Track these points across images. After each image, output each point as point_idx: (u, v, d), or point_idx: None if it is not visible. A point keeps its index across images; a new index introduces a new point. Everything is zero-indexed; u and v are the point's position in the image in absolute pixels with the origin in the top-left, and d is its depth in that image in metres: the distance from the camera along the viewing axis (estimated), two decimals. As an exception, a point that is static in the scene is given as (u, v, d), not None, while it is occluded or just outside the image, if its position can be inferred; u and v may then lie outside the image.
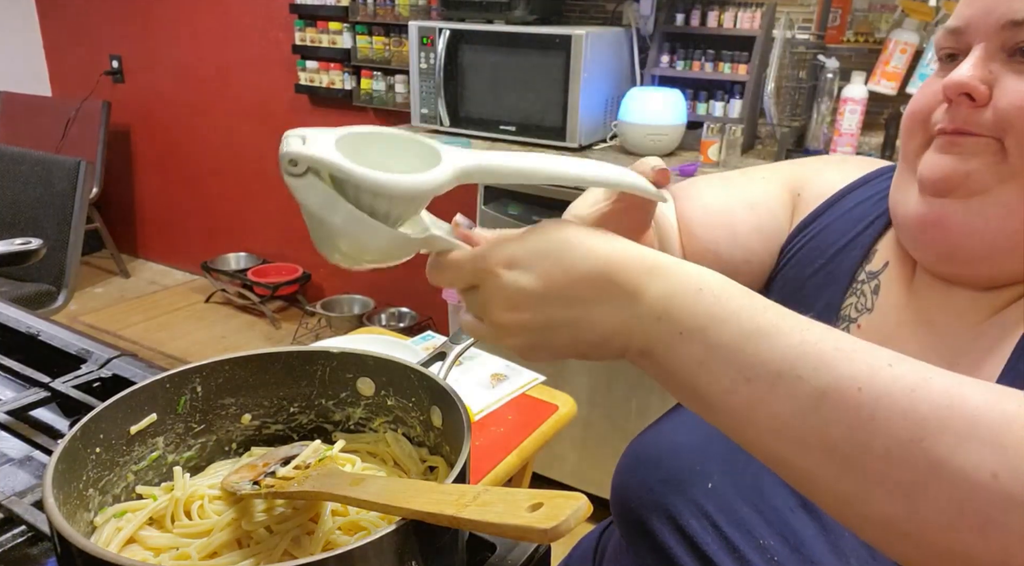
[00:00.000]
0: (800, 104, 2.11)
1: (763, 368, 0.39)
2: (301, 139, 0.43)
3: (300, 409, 0.64)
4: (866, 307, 0.61)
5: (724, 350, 0.40)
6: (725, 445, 0.61)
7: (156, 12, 3.44)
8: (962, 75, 0.51)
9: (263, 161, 3.38)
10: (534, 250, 0.44)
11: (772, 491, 0.57)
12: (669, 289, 0.42)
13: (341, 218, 0.44)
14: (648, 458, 0.65)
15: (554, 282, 0.43)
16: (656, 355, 0.43)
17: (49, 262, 2.27)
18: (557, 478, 2.13)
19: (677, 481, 0.61)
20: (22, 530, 0.57)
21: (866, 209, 0.65)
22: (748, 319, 0.40)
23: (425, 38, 2.24)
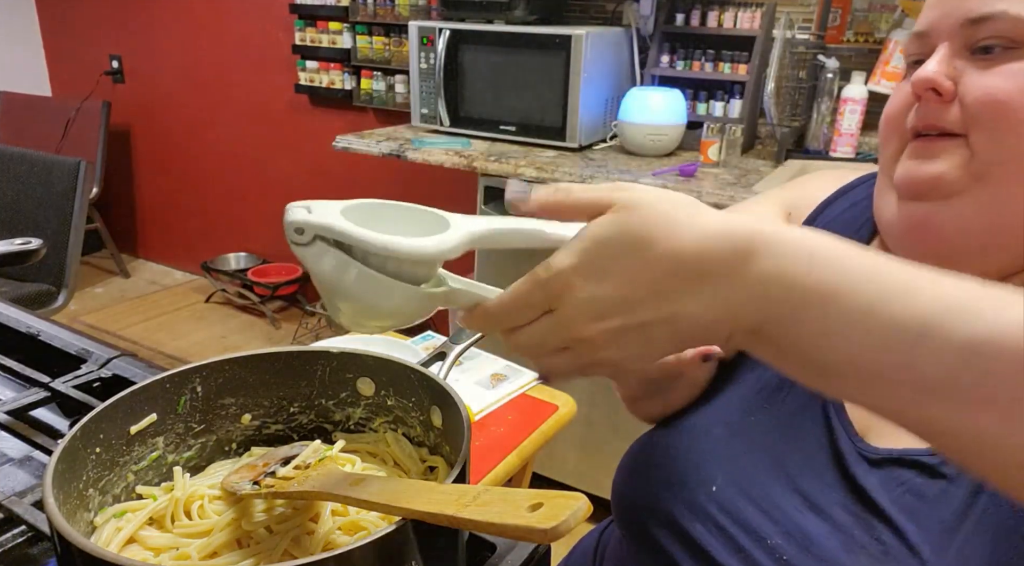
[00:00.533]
0: (800, 104, 2.11)
1: (901, 331, 0.36)
2: (306, 209, 0.43)
3: (300, 409, 0.64)
4: None
5: (850, 318, 0.36)
6: (726, 447, 0.61)
7: (156, 12, 3.44)
8: (928, 71, 0.53)
9: (263, 161, 3.38)
10: (603, 252, 0.40)
11: (779, 494, 0.57)
12: (773, 267, 0.38)
13: (353, 278, 0.43)
14: (648, 462, 0.65)
15: (639, 282, 0.39)
16: (766, 333, 0.39)
17: (49, 262, 2.27)
18: (557, 478, 2.13)
19: (678, 485, 0.61)
20: (22, 530, 0.57)
21: (853, 215, 0.65)
22: (874, 282, 0.37)
23: (425, 38, 2.24)
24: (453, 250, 0.44)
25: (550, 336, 0.42)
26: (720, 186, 1.76)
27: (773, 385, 0.63)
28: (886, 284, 0.37)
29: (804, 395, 0.60)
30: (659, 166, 1.96)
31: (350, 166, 3.07)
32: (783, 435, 0.60)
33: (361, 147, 2.21)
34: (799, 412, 0.60)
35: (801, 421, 0.60)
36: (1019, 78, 0.50)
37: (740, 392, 0.64)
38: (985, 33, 0.51)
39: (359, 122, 2.99)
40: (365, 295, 0.44)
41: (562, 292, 0.40)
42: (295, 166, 3.29)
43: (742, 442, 0.61)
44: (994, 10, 0.50)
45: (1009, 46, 0.51)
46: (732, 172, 1.92)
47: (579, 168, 1.90)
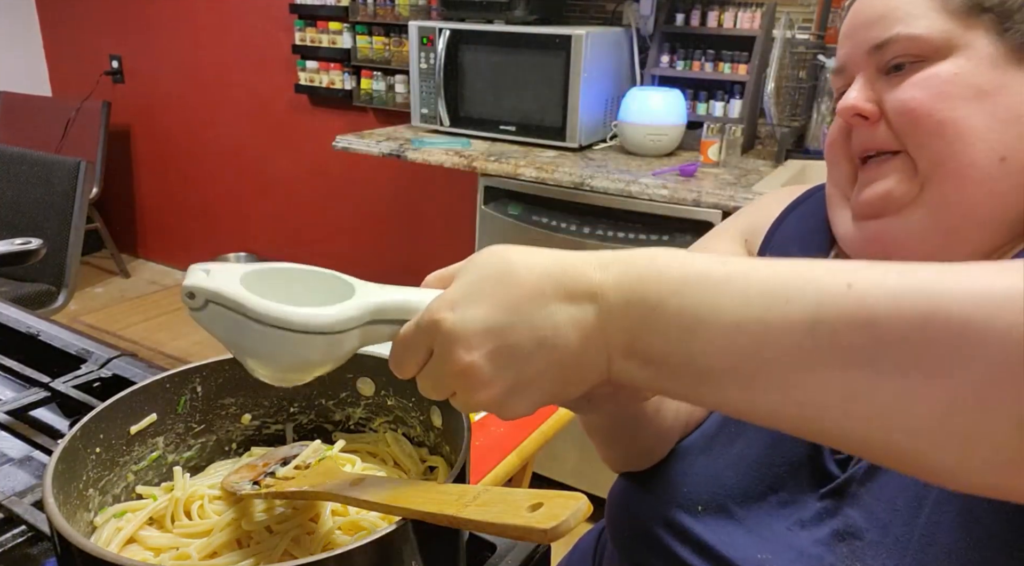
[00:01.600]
0: (800, 104, 2.11)
1: (751, 306, 0.36)
2: (205, 272, 0.42)
3: (300, 409, 0.64)
4: None
5: (707, 307, 0.37)
6: (708, 465, 0.61)
7: (156, 12, 3.44)
8: (849, 99, 0.57)
9: (263, 161, 3.38)
10: (472, 281, 0.41)
11: (767, 511, 0.57)
12: (624, 271, 0.39)
13: (252, 340, 0.42)
14: (636, 483, 0.66)
15: (505, 305, 0.39)
16: (641, 345, 0.39)
17: (49, 262, 2.27)
18: (557, 478, 2.13)
19: (664, 507, 0.61)
20: (22, 530, 0.57)
21: (807, 227, 0.67)
22: (717, 269, 0.38)
23: (425, 38, 2.24)
24: (350, 321, 0.43)
25: (438, 373, 0.42)
26: (720, 186, 1.76)
27: None
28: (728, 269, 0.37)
29: None
30: (659, 166, 1.96)
31: (350, 166, 3.07)
32: (766, 442, 0.60)
33: (361, 147, 2.21)
34: None
35: None
36: (927, 84, 0.53)
37: None
38: (890, 55, 0.55)
39: (359, 122, 2.99)
40: (272, 353, 0.43)
41: (436, 328, 0.41)
42: (295, 166, 3.29)
43: (724, 458, 0.61)
44: (891, 34, 0.55)
45: (914, 60, 0.54)
46: (732, 172, 1.92)
47: (579, 168, 1.90)
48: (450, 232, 2.88)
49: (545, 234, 1.96)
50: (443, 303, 0.41)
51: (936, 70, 0.53)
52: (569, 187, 1.88)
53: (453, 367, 0.40)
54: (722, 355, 0.37)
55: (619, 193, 1.82)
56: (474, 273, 0.41)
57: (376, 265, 3.21)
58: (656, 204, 1.79)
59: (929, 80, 0.53)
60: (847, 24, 0.60)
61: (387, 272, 3.18)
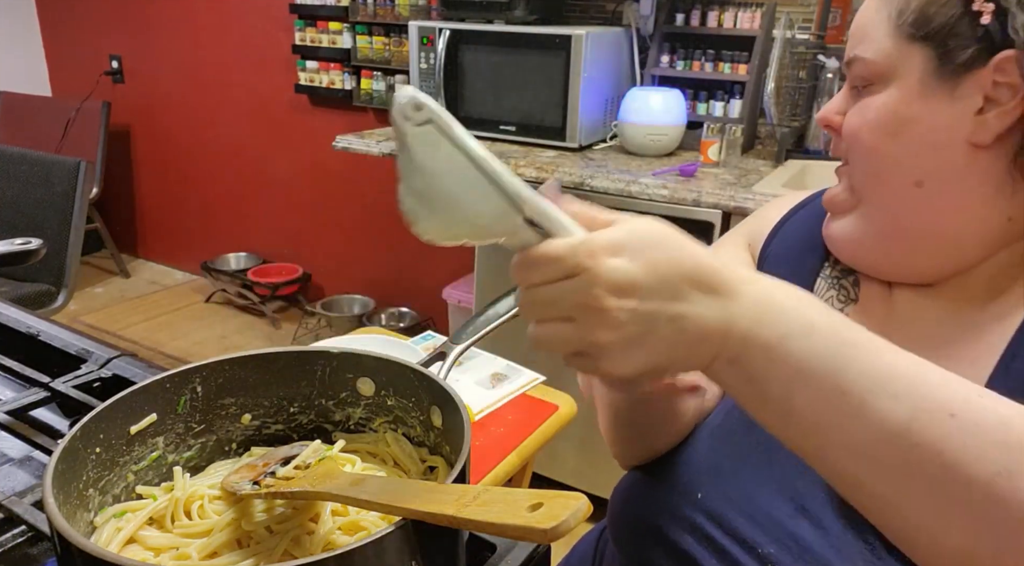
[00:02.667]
0: (800, 104, 2.11)
1: (858, 381, 0.41)
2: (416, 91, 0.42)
3: (300, 409, 0.64)
4: (850, 298, 0.64)
5: (820, 360, 0.42)
6: (709, 454, 0.62)
7: (156, 12, 3.44)
8: (823, 110, 0.62)
9: (263, 161, 3.38)
10: (640, 239, 0.43)
11: (767, 500, 0.57)
12: (766, 295, 0.44)
13: (449, 177, 0.42)
14: (637, 477, 0.67)
15: (662, 273, 0.42)
16: (747, 361, 0.43)
17: (49, 262, 2.27)
18: (557, 478, 2.13)
19: (664, 495, 0.62)
20: (22, 530, 0.57)
21: (806, 231, 0.69)
22: (844, 330, 0.43)
23: (425, 38, 2.24)
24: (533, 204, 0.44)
25: (565, 297, 0.43)
26: (720, 186, 1.76)
27: None
28: (854, 335, 0.43)
29: None
30: (659, 166, 1.96)
31: (350, 166, 3.07)
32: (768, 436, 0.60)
33: (361, 147, 2.21)
34: None
35: None
36: (864, 112, 0.57)
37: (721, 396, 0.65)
38: (853, 73, 0.59)
39: (359, 122, 2.99)
40: (458, 197, 0.43)
41: (592, 262, 0.42)
42: (295, 166, 3.29)
43: (726, 447, 0.61)
44: (853, 54, 0.58)
45: (864, 84, 0.58)
46: (732, 172, 1.92)
47: (579, 168, 1.90)
48: (450, 232, 2.88)
49: (545, 234, 1.96)
50: (606, 244, 0.42)
51: (872, 100, 0.57)
52: (569, 187, 1.88)
53: (591, 303, 0.42)
54: (815, 409, 0.42)
55: (619, 193, 1.82)
56: (640, 232, 0.43)
57: (376, 265, 3.21)
58: (656, 204, 1.79)
59: (865, 108, 0.57)
60: None
61: (387, 272, 3.18)
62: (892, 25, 0.55)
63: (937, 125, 0.54)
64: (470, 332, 1.03)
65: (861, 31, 0.58)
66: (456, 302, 2.54)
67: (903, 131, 0.55)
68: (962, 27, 0.52)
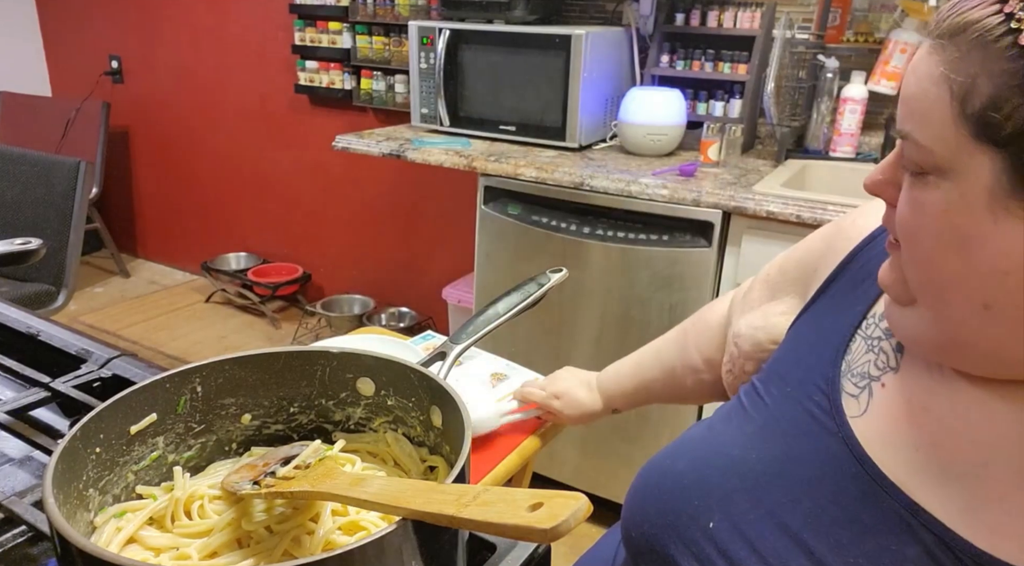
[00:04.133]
0: (800, 104, 2.11)
1: None
2: None
3: (300, 409, 0.64)
4: (889, 365, 0.58)
5: None
6: (723, 479, 0.60)
7: (156, 12, 3.44)
8: (872, 176, 0.53)
9: (263, 161, 3.38)
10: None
11: (782, 546, 0.55)
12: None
13: None
14: (649, 488, 0.64)
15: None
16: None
17: (49, 262, 2.27)
18: (557, 478, 2.13)
19: (673, 515, 0.60)
20: (22, 530, 0.57)
21: (873, 266, 0.62)
22: None
23: (425, 38, 2.24)
24: None
25: None
26: (720, 186, 1.76)
27: (776, 423, 0.61)
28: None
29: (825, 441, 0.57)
30: (659, 166, 1.96)
31: (350, 166, 3.07)
32: (789, 479, 0.57)
33: (361, 147, 2.21)
34: (811, 458, 0.57)
35: (817, 471, 0.56)
36: (919, 211, 0.48)
37: (743, 426, 0.63)
38: (905, 152, 0.49)
39: (359, 122, 2.99)
40: None
41: None
42: (295, 166, 3.29)
43: (741, 479, 0.59)
44: (905, 129, 0.49)
45: (918, 171, 0.48)
46: (732, 172, 1.92)
47: (579, 168, 1.90)
48: (450, 232, 2.88)
49: (545, 234, 1.96)
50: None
51: (929, 195, 0.48)
52: (569, 187, 1.88)
53: None
54: None
55: (619, 193, 1.82)
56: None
57: (376, 265, 3.21)
58: (656, 204, 1.79)
59: (921, 206, 0.48)
60: None
61: (387, 272, 3.18)
62: (954, 111, 0.45)
63: (1009, 250, 0.45)
64: (470, 332, 1.03)
65: (916, 102, 0.48)
66: (456, 302, 2.54)
67: (966, 251, 0.46)
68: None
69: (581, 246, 1.92)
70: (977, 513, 0.50)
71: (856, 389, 0.58)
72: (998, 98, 0.42)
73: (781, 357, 0.66)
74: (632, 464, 1.99)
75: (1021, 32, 0.42)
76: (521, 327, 2.01)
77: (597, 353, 1.98)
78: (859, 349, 0.60)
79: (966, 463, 0.51)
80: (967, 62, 0.44)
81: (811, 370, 0.61)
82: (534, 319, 1.96)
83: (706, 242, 1.76)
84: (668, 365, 0.95)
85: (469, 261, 2.26)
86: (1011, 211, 0.44)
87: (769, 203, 1.64)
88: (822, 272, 0.68)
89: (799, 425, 0.59)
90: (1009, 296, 0.46)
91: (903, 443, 0.54)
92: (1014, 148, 0.43)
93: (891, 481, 0.53)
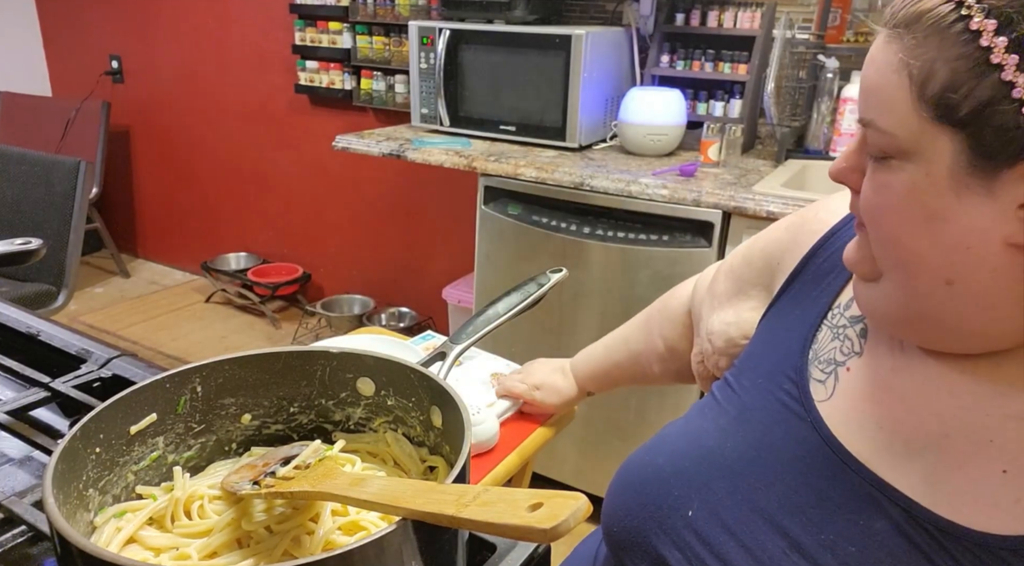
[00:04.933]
0: (800, 104, 2.11)
1: None
2: None
3: (300, 409, 0.64)
4: (854, 350, 0.60)
5: None
6: (700, 468, 0.61)
7: (156, 12, 3.44)
8: (836, 164, 0.55)
9: (263, 161, 3.38)
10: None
11: (762, 531, 0.56)
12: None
13: None
14: (630, 482, 0.65)
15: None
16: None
17: (49, 262, 2.27)
18: (557, 478, 2.13)
19: (653, 506, 0.61)
20: (22, 530, 0.57)
21: (835, 259, 0.64)
22: None
23: (425, 38, 2.24)
24: None
25: None
26: (720, 186, 1.76)
27: (749, 413, 0.62)
28: None
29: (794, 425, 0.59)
30: (659, 166, 1.96)
31: (350, 166, 3.07)
32: (763, 465, 0.59)
33: (361, 147, 2.21)
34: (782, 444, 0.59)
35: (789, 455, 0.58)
36: (883, 192, 0.50)
37: (717, 418, 0.65)
38: (869, 139, 0.51)
39: (359, 122, 2.99)
40: None
41: None
42: (295, 166, 3.29)
43: (718, 468, 0.60)
44: (868, 117, 0.50)
45: (881, 156, 0.50)
46: (732, 172, 1.92)
47: (579, 168, 1.90)
48: (450, 232, 2.89)
49: (545, 234, 1.96)
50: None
51: (892, 178, 0.49)
52: (569, 187, 1.88)
53: None
54: None
55: (619, 193, 1.82)
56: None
57: (376, 265, 3.21)
58: (656, 204, 1.79)
59: (885, 188, 0.50)
60: None
61: (387, 272, 3.18)
62: (913, 95, 0.47)
63: (972, 226, 0.46)
64: (470, 332, 1.03)
65: (877, 90, 0.49)
66: (456, 302, 2.54)
67: (932, 228, 0.48)
68: (1000, 115, 0.43)
69: (581, 246, 1.92)
70: (940, 485, 0.52)
71: (823, 375, 0.60)
72: (955, 80, 0.45)
73: (752, 351, 0.68)
74: (632, 464, 1.99)
75: (971, 18, 0.44)
76: (521, 327, 2.01)
77: (597, 353, 1.98)
78: (825, 338, 0.62)
79: (928, 436, 0.53)
80: (924, 48, 0.46)
81: (780, 361, 0.63)
82: (534, 319, 1.96)
83: (706, 242, 1.76)
84: (635, 351, 0.98)
85: (469, 261, 2.26)
86: (971, 188, 0.46)
87: (769, 203, 1.64)
88: (787, 265, 0.70)
89: (771, 413, 0.61)
90: (971, 271, 0.48)
91: (868, 422, 0.56)
92: (972, 128, 0.45)
93: (856, 459, 0.55)
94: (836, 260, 0.64)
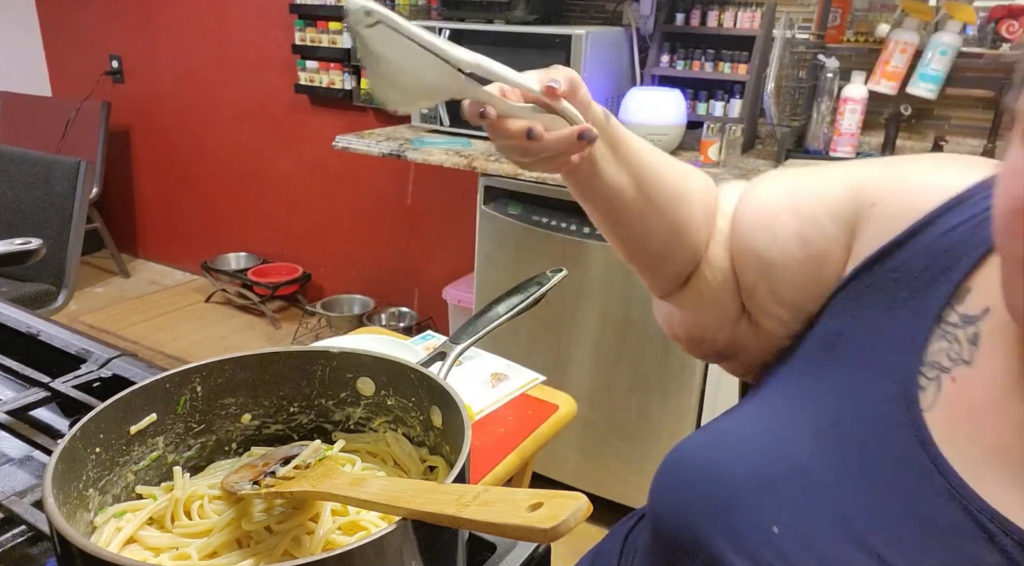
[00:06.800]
0: (800, 104, 2.11)
1: None
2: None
3: (300, 409, 0.64)
4: (962, 358, 0.52)
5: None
6: (789, 482, 0.54)
7: (156, 12, 3.44)
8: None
9: (263, 161, 3.38)
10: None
11: (852, 554, 0.50)
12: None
13: (402, 58, 0.53)
14: (693, 480, 0.58)
15: None
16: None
17: (49, 262, 2.27)
18: (557, 478, 2.13)
19: (725, 512, 0.54)
20: (22, 530, 0.57)
21: (960, 235, 0.54)
22: None
23: (425, 38, 2.24)
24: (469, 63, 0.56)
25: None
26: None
27: (842, 416, 0.55)
28: None
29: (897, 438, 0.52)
30: (659, 166, 1.96)
31: (350, 166, 3.07)
32: (861, 484, 0.52)
33: (361, 147, 2.21)
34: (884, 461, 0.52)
35: (891, 475, 0.52)
36: None
37: (798, 416, 0.57)
38: None
39: (359, 122, 2.99)
40: (411, 69, 0.54)
41: None
42: (295, 166, 3.29)
43: (811, 485, 0.53)
44: None
45: None
46: (732, 172, 1.91)
47: (579, 168, 1.90)
48: (450, 232, 2.88)
49: (545, 234, 1.96)
50: None
51: None
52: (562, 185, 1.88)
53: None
54: None
55: (619, 193, 1.82)
56: None
57: (376, 265, 3.21)
58: (656, 204, 1.79)
59: None
60: None
61: (387, 272, 3.18)
62: None
63: None
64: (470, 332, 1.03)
65: None
66: (456, 302, 2.54)
67: None
68: None
69: (581, 246, 1.92)
70: None
71: (926, 381, 0.52)
72: None
73: (840, 332, 0.58)
74: (632, 464, 1.99)
75: None
76: (521, 327, 2.01)
77: (597, 353, 1.98)
78: (936, 336, 0.53)
79: None
80: None
81: (886, 354, 0.55)
82: (534, 319, 1.96)
83: (706, 242, 1.76)
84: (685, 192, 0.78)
85: (469, 261, 2.26)
86: None
87: (769, 203, 1.64)
88: (877, 227, 0.58)
89: (870, 422, 0.54)
90: None
91: (974, 444, 0.50)
92: None
93: (967, 484, 0.49)
94: (960, 238, 0.54)
